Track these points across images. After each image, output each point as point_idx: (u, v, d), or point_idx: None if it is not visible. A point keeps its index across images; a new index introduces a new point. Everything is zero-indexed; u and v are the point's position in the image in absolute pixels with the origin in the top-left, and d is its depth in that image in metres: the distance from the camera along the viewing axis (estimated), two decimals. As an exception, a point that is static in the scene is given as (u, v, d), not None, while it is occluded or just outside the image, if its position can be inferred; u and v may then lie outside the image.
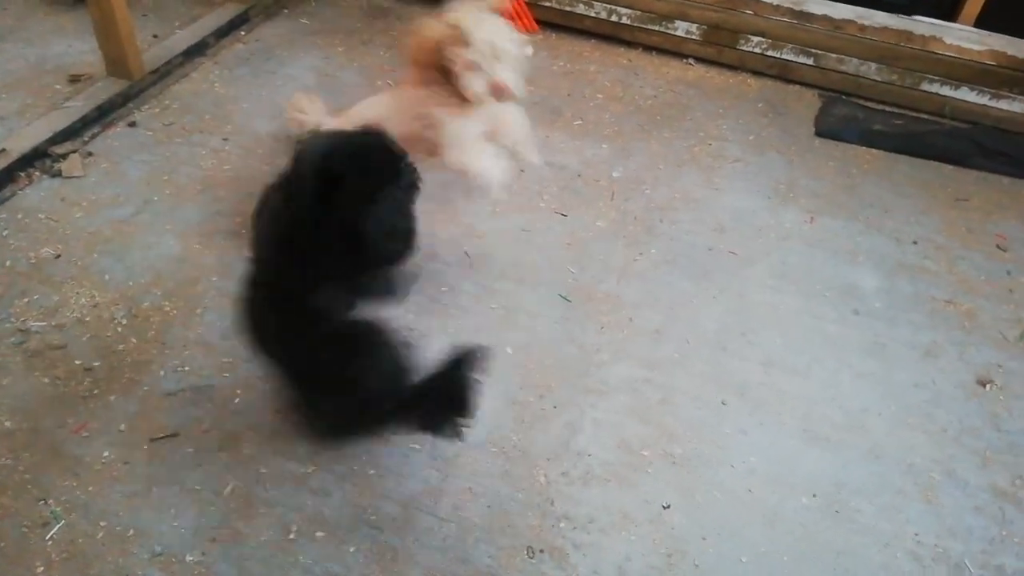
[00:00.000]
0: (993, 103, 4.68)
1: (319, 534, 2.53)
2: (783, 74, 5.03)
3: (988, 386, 3.20)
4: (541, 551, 2.57)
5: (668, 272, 3.60)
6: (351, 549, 2.51)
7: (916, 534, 2.71)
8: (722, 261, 3.69)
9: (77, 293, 3.17)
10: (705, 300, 3.47)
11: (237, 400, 2.87)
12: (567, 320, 3.32)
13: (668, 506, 2.71)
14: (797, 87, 5.01)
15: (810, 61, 4.92)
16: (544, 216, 3.84)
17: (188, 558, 2.43)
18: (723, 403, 3.07)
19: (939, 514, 2.78)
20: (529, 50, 4.97)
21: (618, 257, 3.65)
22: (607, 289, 3.47)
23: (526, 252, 3.62)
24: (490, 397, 2.97)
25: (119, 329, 3.06)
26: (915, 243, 3.88)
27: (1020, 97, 4.61)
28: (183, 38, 4.67)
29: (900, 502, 2.80)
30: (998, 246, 3.91)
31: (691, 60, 5.19)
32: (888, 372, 3.22)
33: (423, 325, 3.21)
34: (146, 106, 4.23)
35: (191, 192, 3.72)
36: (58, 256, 3.33)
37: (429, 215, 2.89)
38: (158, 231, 3.49)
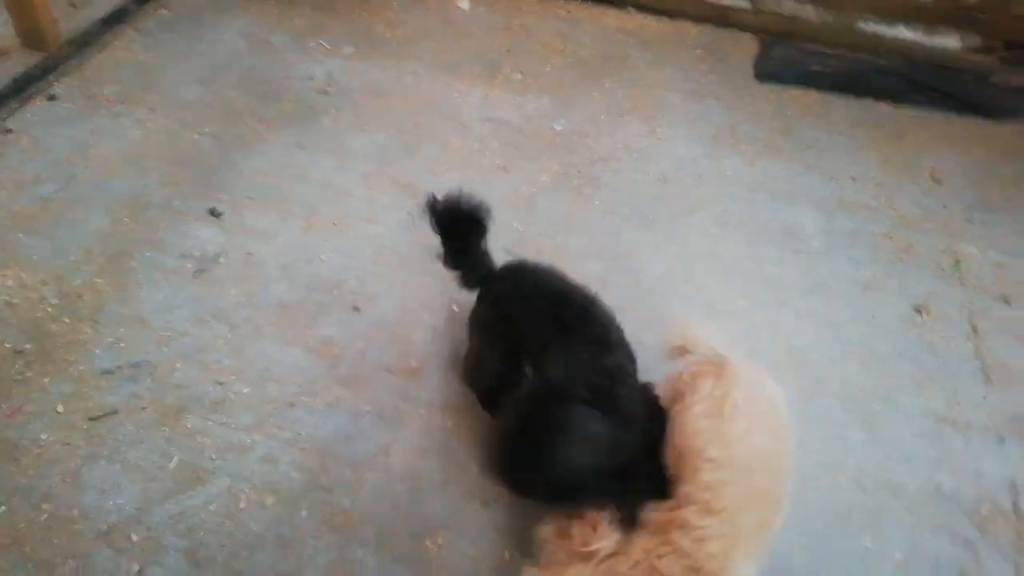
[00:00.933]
0: (927, 40, 4.72)
1: (269, 500, 2.51)
2: (723, 20, 5.01)
3: (924, 314, 3.28)
4: (496, 500, 2.58)
5: (612, 223, 3.60)
6: (303, 513, 2.50)
7: (859, 462, 2.79)
8: (665, 210, 3.69)
9: (3, 275, 3.06)
10: (648, 249, 3.48)
11: (176, 373, 2.81)
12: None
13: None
14: (736, 32, 4.99)
15: (748, 5, 4.90)
16: (486, 173, 3.80)
17: (135, 536, 2.40)
18: (670, 349, 3.09)
19: (880, 442, 2.86)
20: (466, 4, 4.92)
21: (561, 210, 3.64)
22: (552, 243, 3.46)
23: (469, 209, 3.58)
24: (440, 358, 2.97)
25: (49, 309, 2.97)
26: (853, 180, 3.93)
27: (953, 33, 4.66)
28: (102, 5, 4.47)
29: (843, 433, 2.87)
30: (933, 179, 3.97)
31: (631, 8, 5.13)
32: (829, 308, 3.28)
33: (367, 289, 3.16)
34: (66, 78, 4.06)
35: (117, 165, 3.60)
36: (-19, 238, 3.21)
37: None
38: (85, 206, 3.37)
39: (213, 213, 3.35)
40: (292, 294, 3.11)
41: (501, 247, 3.38)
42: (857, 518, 2.64)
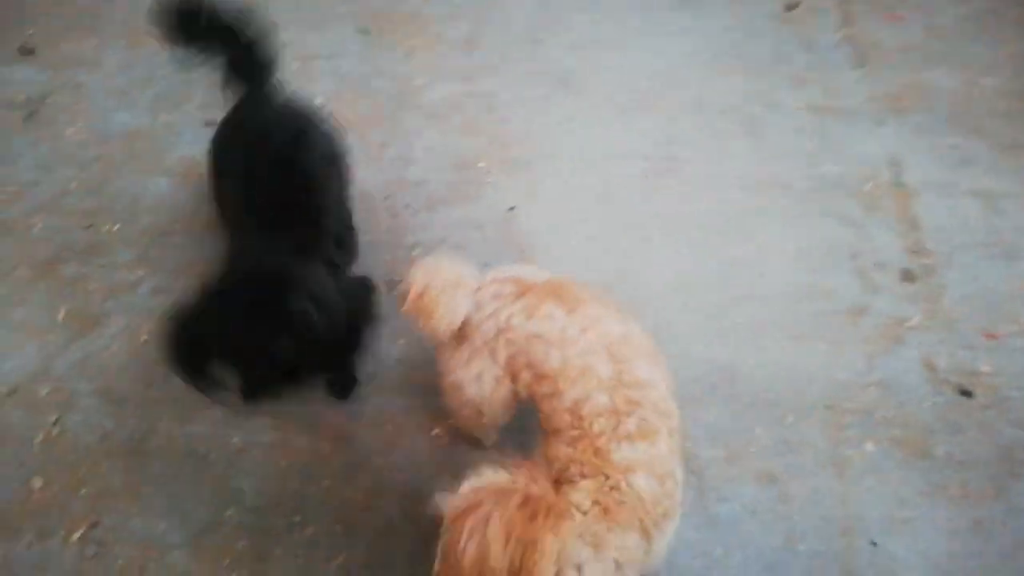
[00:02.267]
0: None
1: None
2: None
3: (795, 10, 3.23)
4: (400, 281, 2.57)
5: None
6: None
7: (745, 167, 2.84)
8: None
9: None
10: (518, -3, 3.28)
11: (39, 227, 2.63)
12: (371, 54, 3.10)
13: (513, 208, 2.73)
14: None
15: None
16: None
17: (43, 390, 2.34)
18: (547, 97, 3.00)
19: (763, 144, 2.89)
20: None
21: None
22: (407, 9, 3.22)
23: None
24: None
25: None
26: None
27: None
28: None
29: (726, 142, 2.89)
30: None
31: None
32: (701, 21, 3.20)
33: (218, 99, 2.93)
34: None
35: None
36: None
37: None
38: None
39: (24, 51, 2.99)
40: (138, 121, 2.87)
41: (352, 28, 3.15)
42: (748, 221, 2.72)
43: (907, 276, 2.62)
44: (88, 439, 2.26)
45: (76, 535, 2.11)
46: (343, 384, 2.34)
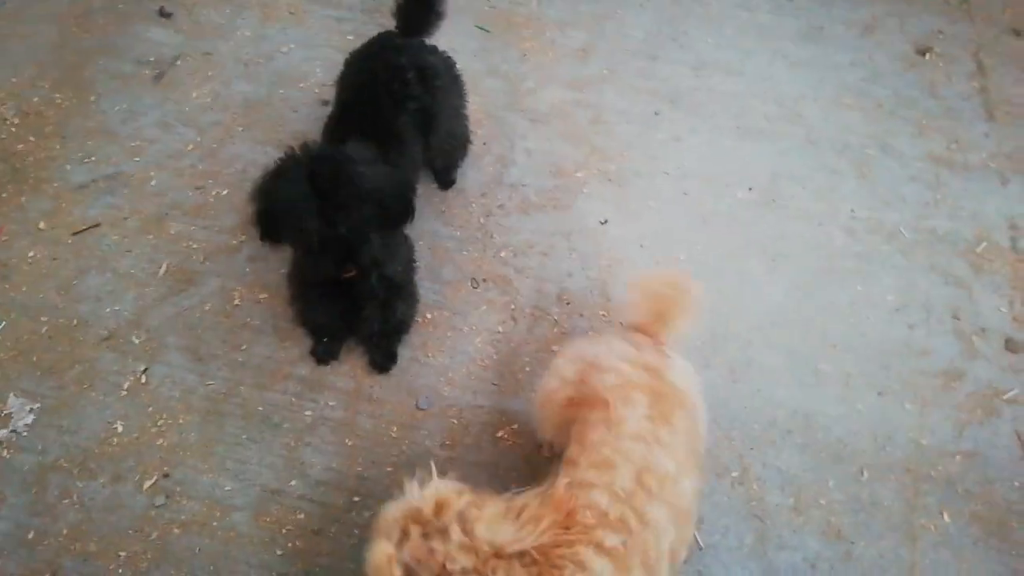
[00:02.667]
0: None
1: (262, 296, 2.54)
2: None
3: (927, 55, 3.10)
4: (484, 280, 2.59)
5: (592, -15, 3.34)
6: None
7: (851, 210, 2.74)
8: (649, -35, 3.41)
9: (-41, 99, 2.94)
10: (632, 8, 3.25)
11: (153, 182, 2.75)
12: (487, 52, 3.12)
13: (605, 221, 2.71)
14: None
15: None
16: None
17: (135, 338, 2.45)
18: (656, 113, 2.97)
19: (873, 188, 2.79)
20: None
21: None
22: (527, 12, 3.24)
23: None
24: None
25: (13, 129, 2.86)
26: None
27: None
28: None
29: (835, 182, 2.80)
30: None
31: None
32: (824, 55, 3.10)
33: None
34: None
35: (56, -29, 3.34)
36: (-71, 64, 3.05)
37: None
38: (31, 19, 3.17)
39: (162, 13, 3.14)
40: (258, 92, 2.97)
41: (472, 25, 3.19)
42: (848, 264, 2.63)
43: (1011, 345, 2.49)
44: (170, 392, 2.36)
45: (148, 483, 2.20)
46: (384, 355, 2.41)
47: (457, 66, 2.54)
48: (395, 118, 2.28)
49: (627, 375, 1.68)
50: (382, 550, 1.36)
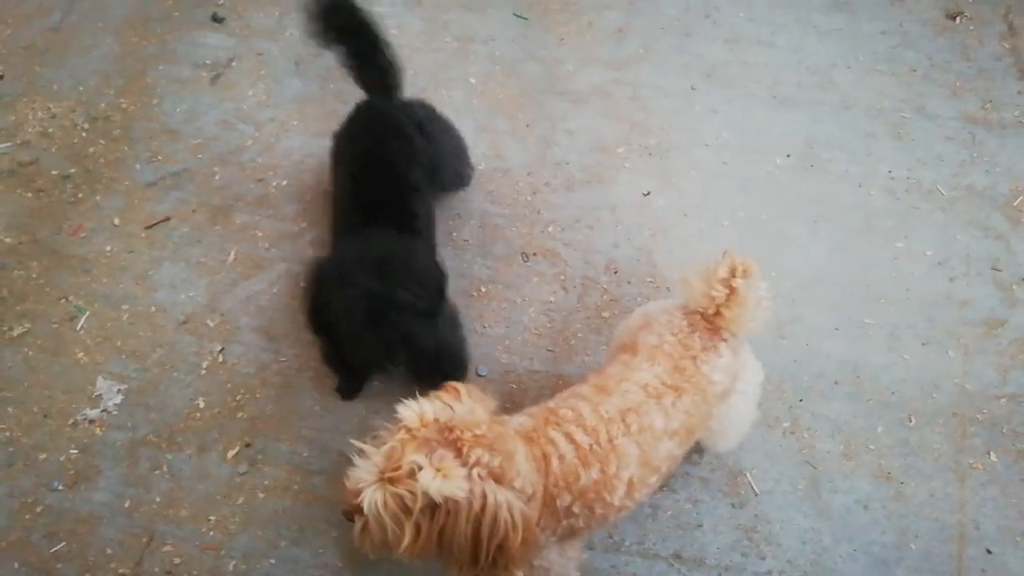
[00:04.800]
0: None
1: (325, 279, 2.69)
2: None
3: (958, 19, 3.15)
4: (534, 254, 2.71)
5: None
6: (358, 286, 2.68)
7: (889, 171, 2.81)
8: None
9: (32, 108, 3.12)
10: (661, -18, 3.34)
11: (217, 177, 2.91)
12: (525, 38, 3.24)
13: (648, 193, 2.82)
14: None
15: None
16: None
17: (210, 322, 2.61)
18: (692, 88, 3.06)
19: (910, 149, 2.86)
20: None
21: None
22: (562, -1, 3.35)
23: (472, -23, 3.46)
24: (462, 129, 2.99)
25: (84, 134, 3.05)
26: None
27: None
28: None
29: (871, 145, 2.87)
30: None
31: None
32: (854, 24, 3.16)
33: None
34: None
35: (113, -16, 3.53)
36: (1, 77, 3.24)
37: None
38: (92, 31, 3.35)
39: (215, 19, 3.31)
40: (308, 87, 3.12)
41: (510, 13, 3.29)
42: (888, 223, 2.71)
43: (1052, 294, 2.54)
44: (247, 369, 2.52)
45: (231, 453, 2.36)
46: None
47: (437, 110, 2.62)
48: (409, 173, 2.33)
49: (664, 342, 1.80)
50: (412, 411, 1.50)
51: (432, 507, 1.43)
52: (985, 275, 2.58)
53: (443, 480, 1.40)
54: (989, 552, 2.07)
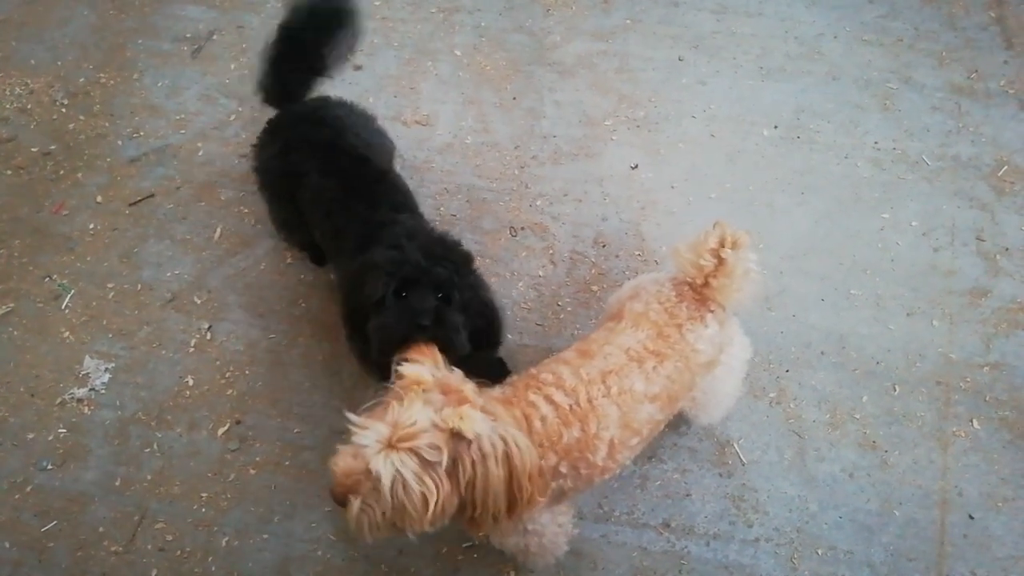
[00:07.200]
0: None
1: (312, 256, 2.68)
2: None
3: (944, -13, 3.15)
4: (523, 228, 2.70)
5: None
6: (346, 262, 2.66)
7: (875, 142, 2.82)
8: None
9: (9, 84, 3.07)
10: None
11: (201, 153, 2.88)
12: (511, 8, 3.21)
13: (636, 166, 2.81)
14: None
15: None
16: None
17: (197, 299, 2.60)
18: (680, 59, 3.04)
19: (896, 120, 2.86)
20: None
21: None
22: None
23: (457, -53, 3.40)
24: (448, 102, 2.97)
25: (63, 110, 3.00)
26: None
27: None
28: None
29: (858, 116, 2.87)
30: None
31: None
32: (842, -6, 3.16)
33: (365, 45, 3.11)
34: None
35: (89, -45, 3.45)
36: (-24, 52, 3.18)
37: None
38: (68, 4, 3.29)
39: (196, -10, 3.26)
40: (294, 60, 3.08)
41: None
42: (874, 194, 2.72)
43: (1035, 263, 2.57)
44: (235, 346, 2.51)
45: (222, 430, 2.36)
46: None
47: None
48: (376, 160, 2.27)
49: (650, 309, 1.81)
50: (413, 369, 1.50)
51: (456, 460, 1.42)
52: (970, 245, 2.60)
53: (471, 420, 1.40)
54: (971, 518, 2.12)
